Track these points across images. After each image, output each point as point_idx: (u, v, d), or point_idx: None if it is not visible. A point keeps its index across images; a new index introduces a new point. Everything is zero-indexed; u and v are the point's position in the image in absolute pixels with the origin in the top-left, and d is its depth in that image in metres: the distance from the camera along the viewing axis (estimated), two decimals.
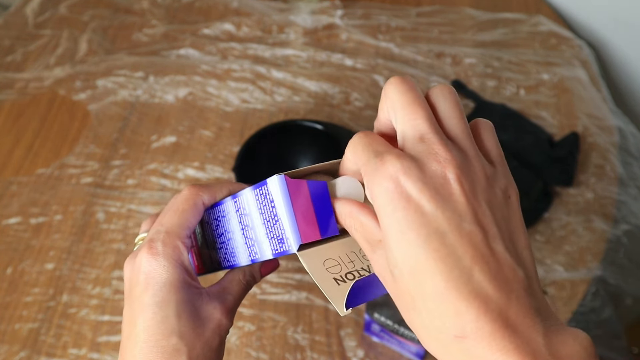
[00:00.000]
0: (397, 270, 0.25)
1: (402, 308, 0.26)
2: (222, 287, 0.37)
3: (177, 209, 0.36)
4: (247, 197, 0.33)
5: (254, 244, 0.34)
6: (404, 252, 0.24)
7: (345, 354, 0.62)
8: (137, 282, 0.34)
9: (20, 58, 0.92)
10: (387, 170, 0.25)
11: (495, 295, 0.23)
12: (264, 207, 0.32)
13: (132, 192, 0.75)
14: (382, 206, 0.25)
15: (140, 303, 0.33)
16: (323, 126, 0.74)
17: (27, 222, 0.73)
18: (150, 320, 0.33)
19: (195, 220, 0.37)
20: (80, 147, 0.80)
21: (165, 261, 0.34)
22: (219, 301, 0.36)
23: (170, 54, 0.92)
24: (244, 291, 0.38)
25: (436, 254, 0.23)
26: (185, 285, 0.34)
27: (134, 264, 0.35)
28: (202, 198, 0.37)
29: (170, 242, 0.35)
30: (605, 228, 0.71)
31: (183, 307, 0.33)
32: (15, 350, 0.63)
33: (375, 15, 0.97)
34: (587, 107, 0.83)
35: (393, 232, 0.24)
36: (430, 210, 0.24)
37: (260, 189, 0.32)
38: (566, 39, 0.93)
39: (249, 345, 0.63)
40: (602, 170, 0.76)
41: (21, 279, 0.68)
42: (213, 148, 0.80)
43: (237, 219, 0.35)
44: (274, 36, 0.95)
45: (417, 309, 0.24)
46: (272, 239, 0.32)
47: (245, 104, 0.85)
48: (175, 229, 0.35)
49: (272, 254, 0.32)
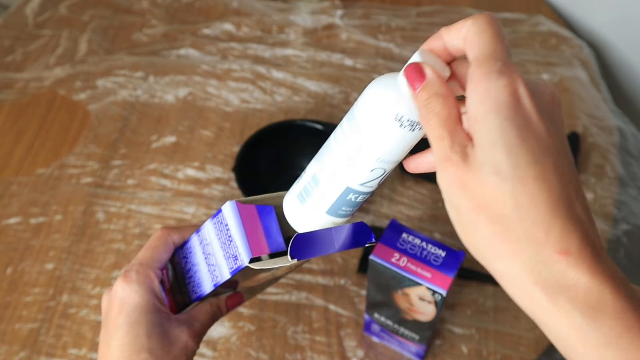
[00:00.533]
0: (500, 176, 0.24)
1: (484, 213, 0.25)
2: (190, 315, 0.41)
3: (150, 246, 0.42)
4: (208, 227, 0.39)
5: (215, 268, 0.38)
6: (516, 158, 0.23)
7: (345, 354, 0.62)
8: (112, 307, 0.39)
9: (20, 58, 0.92)
10: (512, 75, 0.24)
11: (590, 228, 0.25)
12: (221, 232, 0.37)
13: (132, 192, 0.75)
14: (497, 108, 0.24)
15: (115, 324, 0.38)
16: (323, 126, 0.73)
17: (27, 222, 0.73)
18: (123, 338, 0.37)
19: (167, 255, 0.42)
20: (80, 147, 0.80)
21: (137, 287, 0.39)
22: (186, 326, 0.40)
23: (170, 54, 0.92)
24: (211, 320, 0.42)
25: (552, 172, 0.24)
26: (155, 309, 0.39)
27: (111, 292, 0.40)
28: (173, 237, 0.42)
29: (143, 271, 0.40)
30: (605, 228, 0.71)
31: (153, 328, 0.38)
32: (15, 350, 0.63)
33: (375, 15, 0.97)
34: (587, 107, 0.83)
35: (507, 136, 0.24)
36: (545, 130, 0.24)
37: (217, 217, 0.37)
38: (566, 39, 0.93)
39: (249, 345, 0.63)
40: (602, 170, 0.76)
41: (21, 279, 0.68)
42: (213, 148, 0.80)
43: (201, 250, 0.40)
44: (274, 36, 0.95)
45: (512, 218, 0.24)
46: (228, 259, 0.36)
47: (245, 104, 0.85)
48: (147, 261, 0.41)
49: (229, 273, 0.37)
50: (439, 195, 0.74)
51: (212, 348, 0.62)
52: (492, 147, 0.24)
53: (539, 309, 0.25)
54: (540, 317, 0.25)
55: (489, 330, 0.63)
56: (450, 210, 0.27)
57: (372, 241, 0.39)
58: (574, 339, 0.24)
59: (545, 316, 0.25)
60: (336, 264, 0.68)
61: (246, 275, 0.40)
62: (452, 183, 0.25)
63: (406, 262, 0.47)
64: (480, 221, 0.25)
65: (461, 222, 0.26)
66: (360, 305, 0.65)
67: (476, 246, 0.26)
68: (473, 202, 0.25)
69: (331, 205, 0.37)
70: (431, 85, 0.27)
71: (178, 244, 0.43)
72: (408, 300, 0.50)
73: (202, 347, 0.62)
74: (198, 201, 0.74)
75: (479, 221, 0.25)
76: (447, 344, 0.62)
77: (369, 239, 0.39)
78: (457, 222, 0.26)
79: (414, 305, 0.50)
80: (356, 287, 0.66)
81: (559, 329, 0.24)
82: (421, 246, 0.48)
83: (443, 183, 0.26)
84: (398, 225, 0.50)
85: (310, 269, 0.68)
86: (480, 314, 0.64)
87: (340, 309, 0.65)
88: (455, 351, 0.62)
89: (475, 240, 0.26)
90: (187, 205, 0.74)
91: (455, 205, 0.26)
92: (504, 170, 0.24)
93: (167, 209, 0.73)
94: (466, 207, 0.25)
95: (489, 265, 0.26)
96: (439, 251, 0.48)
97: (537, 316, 0.26)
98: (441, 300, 0.47)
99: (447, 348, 0.62)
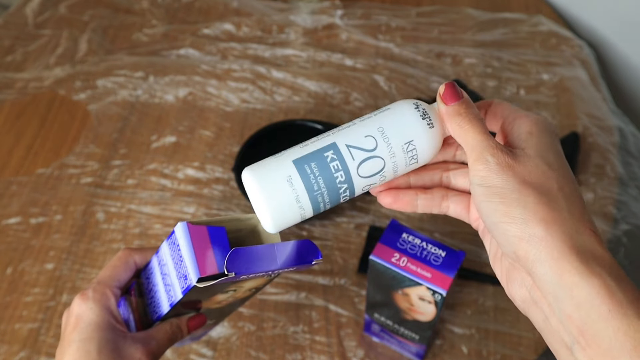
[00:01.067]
0: (551, 167, 0.32)
1: (532, 187, 0.31)
2: (148, 333, 0.42)
3: (110, 265, 0.43)
4: (164, 248, 0.39)
5: (170, 288, 0.39)
6: (561, 161, 0.32)
7: (345, 354, 0.62)
8: (68, 323, 0.40)
9: (20, 58, 0.92)
10: (544, 117, 0.35)
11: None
12: (174, 253, 0.37)
13: (132, 192, 0.75)
14: (547, 129, 0.33)
15: (69, 340, 0.39)
16: (323, 126, 0.73)
17: (27, 222, 0.73)
18: (75, 354, 0.38)
19: (126, 275, 0.43)
20: (80, 147, 0.80)
21: (93, 304, 0.40)
22: (142, 344, 0.41)
23: (170, 54, 0.92)
24: (170, 340, 0.43)
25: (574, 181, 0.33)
26: (109, 326, 0.40)
27: (69, 309, 0.41)
28: (134, 257, 0.44)
29: (100, 289, 0.41)
30: (605, 228, 0.71)
31: (105, 344, 0.39)
32: (15, 350, 0.63)
33: (375, 15, 0.97)
34: (587, 107, 0.83)
35: (555, 146, 0.33)
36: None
37: (171, 238, 0.38)
38: (566, 39, 0.93)
39: (249, 345, 0.63)
40: (602, 170, 0.76)
41: (21, 279, 0.68)
42: (213, 148, 0.80)
43: (159, 271, 0.41)
44: (274, 36, 0.95)
45: (557, 196, 0.31)
46: (180, 278, 0.37)
47: (245, 104, 0.85)
48: (105, 280, 0.42)
49: (181, 292, 0.37)
50: None
51: (212, 348, 0.62)
52: (547, 150, 0.32)
53: (571, 271, 0.28)
54: (569, 278, 0.28)
55: (489, 330, 0.63)
56: (484, 189, 0.32)
57: (319, 259, 0.37)
58: (602, 297, 0.27)
59: (576, 277, 0.28)
60: (336, 264, 0.68)
61: (202, 295, 0.40)
62: (498, 165, 0.31)
63: (406, 262, 0.47)
64: (528, 193, 0.30)
65: (503, 194, 0.31)
66: (360, 305, 0.65)
67: (518, 213, 0.30)
68: (520, 179, 0.31)
69: (303, 155, 0.34)
70: (468, 101, 0.34)
71: (140, 264, 0.44)
72: (408, 300, 0.50)
73: (202, 347, 0.62)
74: (198, 201, 0.74)
75: (527, 192, 0.30)
76: (447, 344, 0.62)
77: (315, 257, 0.38)
78: (497, 194, 0.31)
79: (414, 305, 0.50)
80: (356, 287, 0.66)
81: (588, 288, 0.28)
82: (421, 246, 0.48)
83: (485, 166, 0.31)
84: (398, 225, 0.50)
85: (310, 269, 0.68)
86: (480, 314, 0.64)
87: (340, 309, 0.65)
88: (455, 351, 0.62)
89: (519, 207, 0.30)
90: (187, 205, 0.74)
91: (493, 184, 0.31)
92: (553, 165, 0.32)
93: (167, 209, 0.73)
94: (512, 183, 0.31)
95: (530, 229, 0.30)
96: (439, 251, 0.48)
97: (565, 279, 0.28)
98: (441, 300, 0.47)
99: (447, 348, 0.62)
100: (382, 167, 0.34)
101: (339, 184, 0.33)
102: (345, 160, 0.33)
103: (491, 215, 0.31)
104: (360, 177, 0.34)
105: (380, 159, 0.34)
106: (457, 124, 0.33)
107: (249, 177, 0.33)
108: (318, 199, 0.33)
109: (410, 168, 0.36)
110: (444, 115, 0.34)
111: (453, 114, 0.34)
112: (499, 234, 0.31)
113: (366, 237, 0.70)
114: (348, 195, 0.35)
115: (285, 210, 0.33)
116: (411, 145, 0.34)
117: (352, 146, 0.33)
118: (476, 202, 0.32)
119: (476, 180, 0.32)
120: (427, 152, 0.35)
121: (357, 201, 0.73)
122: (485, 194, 0.31)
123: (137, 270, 0.45)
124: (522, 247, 0.30)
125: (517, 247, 0.30)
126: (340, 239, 0.70)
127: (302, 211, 0.34)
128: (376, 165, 0.34)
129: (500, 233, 0.31)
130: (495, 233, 0.32)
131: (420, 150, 0.35)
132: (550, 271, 0.29)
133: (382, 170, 0.34)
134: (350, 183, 0.34)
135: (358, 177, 0.34)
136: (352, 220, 0.72)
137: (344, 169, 0.33)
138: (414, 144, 0.34)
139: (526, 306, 0.32)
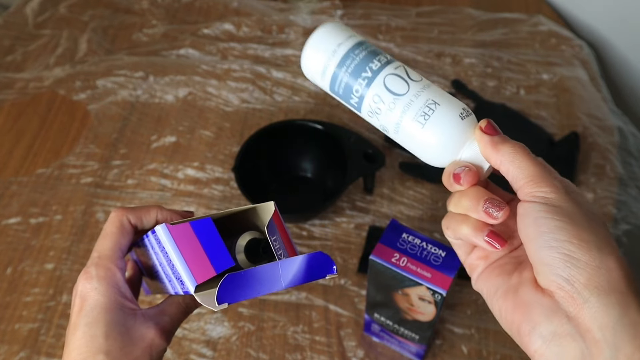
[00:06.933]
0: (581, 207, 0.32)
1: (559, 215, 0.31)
2: (160, 309, 0.39)
3: (106, 233, 0.39)
4: (151, 239, 0.36)
5: (170, 279, 0.36)
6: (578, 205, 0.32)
7: (345, 354, 0.62)
8: (74, 305, 0.37)
9: (20, 58, 0.92)
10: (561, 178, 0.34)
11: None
12: (162, 251, 0.34)
13: (132, 192, 0.75)
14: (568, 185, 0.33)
15: (74, 325, 0.36)
16: (323, 126, 0.73)
17: (27, 222, 0.73)
18: (80, 339, 0.35)
19: (126, 240, 0.39)
20: (80, 147, 0.80)
21: (97, 284, 0.37)
22: (154, 322, 0.38)
23: (170, 54, 0.92)
24: (183, 314, 0.40)
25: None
26: (117, 306, 0.37)
27: (75, 289, 0.38)
28: (127, 217, 0.39)
29: (103, 265, 0.37)
30: None
31: (112, 327, 0.36)
32: (15, 350, 0.63)
33: (375, 15, 0.97)
34: (587, 107, 0.83)
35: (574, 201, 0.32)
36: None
37: (155, 234, 0.34)
38: (566, 39, 0.93)
39: (249, 345, 0.63)
40: (602, 170, 0.76)
41: (21, 279, 0.68)
42: (213, 148, 0.80)
43: (155, 256, 0.37)
44: (274, 36, 0.95)
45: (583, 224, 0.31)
46: (178, 279, 0.34)
47: (245, 104, 0.85)
48: (106, 252, 0.38)
49: (182, 292, 0.34)
50: (439, 195, 0.74)
51: (212, 348, 0.62)
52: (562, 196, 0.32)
53: (636, 309, 0.29)
54: (634, 316, 0.29)
55: (489, 330, 0.63)
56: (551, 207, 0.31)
57: (334, 274, 0.35)
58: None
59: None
60: (336, 264, 0.68)
61: None
62: (566, 190, 0.32)
63: (406, 262, 0.47)
64: (598, 224, 0.31)
65: (573, 217, 0.31)
66: (360, 305, 0.65)
67: (592, 239, 0.30)
68: (586, 210, 0.31)
69: (365, 42, 0.36)
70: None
71: (135, 224, 0.40)
72: (408, 300, 0.50)
73: (202, 347, 0.62)
74: (198, 201, 0.74)
75: (597, 224, 0.31)
76: (447, 344, 0.62)
77: (330, 271, 0.35)
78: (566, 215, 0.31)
79: (414, 305, 0.50)
80: (356, 287, 0.66)
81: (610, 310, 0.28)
82: (421, 246, 0.48)
83: (553, 189, 0.32)
84: (398, 225, 0.50)
85: None
86: (480, 314, 0.64)
87: (340, 309, 0.65)
88: (455, 351, 0.62)
89: (592, 234, 0.30)
90: (187, 205, 0.73)
91: (560, 206, 0.31)
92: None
93: None
94: (580, 210, 0.31)
95: (604, 257, 0.30)
96: (439, 251, 0.48)
97: (631, 315, 0.29)
98: (441, 300, 0.47)
99: (447, 348, 0.62)
100: (404, 91, 0.34)
101: (362, 78, 0.35)
102: (382, 68, 0.35)
103: (555, 232, 0.30)
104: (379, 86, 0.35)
105: (407, 84, 0.34)
106: (512, 148, 0.33)
107: (324, 25, 0.36)
108: (341, 72, 0.36)
109: (418, 121, 0.34)
110: (495, 142, 0.33)
111: (502, 141, 0.33)
112: (556, 255, 0.30)
113: (366, 237, 0.70)
114: (357, 100, 0.35)
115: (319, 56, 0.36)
116: (435, 105, 0.34)
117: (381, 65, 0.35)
118: (532, 217, 0.31)
119: (540, 198, 0.31)
120: (445, 120, 0.33)
121: (357, 201, 0.73)
122: (550, 211, 0.31)
123: (135, 230, 0.41)
124: (585, 273, 0.29)
125: (578, 272, 0.29)
126: (340, 239, 0.70)
127: (324, 76, 0.36)
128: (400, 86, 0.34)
129: (558, 253, 0.30)
130: (550, 252, 0.30)
131: (438, 113, 0.33)
132: (616, 304, 0.28)
133: (401, 95, 0.34)
134: (371, 83, 0.35)
135: (380, 84, 0.35)
136: (352, 220, 0.72)
137: (374, 71, 0.35)
138: (437, 106, 0.34)
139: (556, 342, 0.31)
